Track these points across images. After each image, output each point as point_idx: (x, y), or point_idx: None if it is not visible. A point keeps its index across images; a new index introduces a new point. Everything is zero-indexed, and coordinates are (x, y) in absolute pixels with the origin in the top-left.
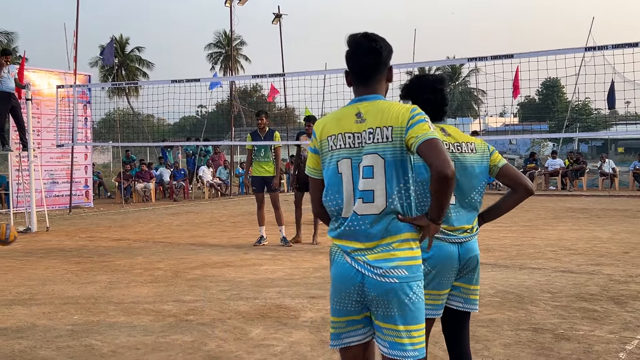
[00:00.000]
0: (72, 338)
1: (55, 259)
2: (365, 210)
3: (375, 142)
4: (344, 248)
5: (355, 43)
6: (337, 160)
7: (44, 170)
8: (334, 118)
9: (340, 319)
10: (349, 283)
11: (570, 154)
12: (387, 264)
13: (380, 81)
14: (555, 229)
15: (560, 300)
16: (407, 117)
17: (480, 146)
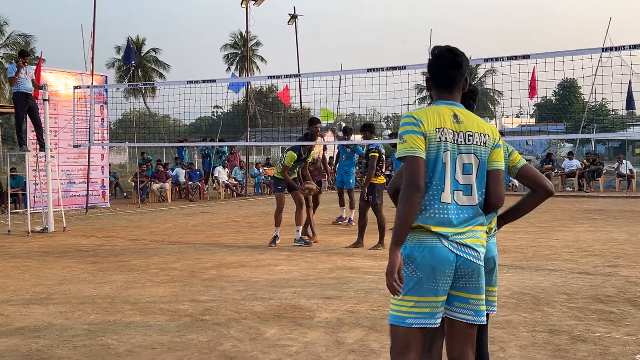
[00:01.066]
0: (88, 337)
1: (72, 258)
2: (465, 202)
3: (475, 144)
4: (442, 233)
5: (441, 56)
6: (443, 150)
7: (61, 170)
8: (436, 112)
9: (436, 298)
10: (446, 263)
11: (587, 155)
12: (479, 249)
13: (459, 90)
14: (572, 230)
15: (577, 302)
16: (498, 135)
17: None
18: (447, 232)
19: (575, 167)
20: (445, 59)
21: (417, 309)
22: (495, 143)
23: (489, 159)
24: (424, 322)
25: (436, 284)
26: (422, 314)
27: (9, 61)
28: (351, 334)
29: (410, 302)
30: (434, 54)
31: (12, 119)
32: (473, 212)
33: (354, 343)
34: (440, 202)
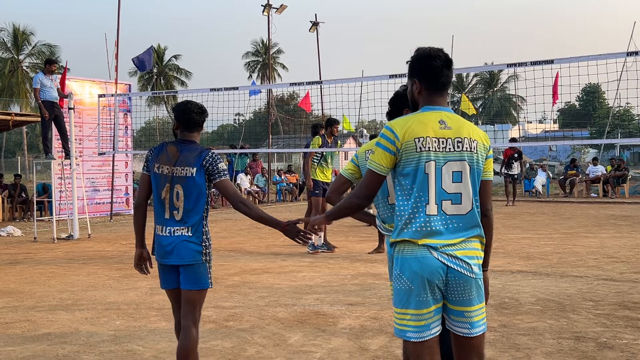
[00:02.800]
0: (114, 343)
1: (97, 265)
2: (454, 211)
3: (464, 150)
4: (430, 245)
5: (431, 57)
6: (425, 161)
7: (86, 178)
8: (418, 121)
9: (428, 309)
10: (435, 274)
11: (612, 160)
12: (471, 261)
13: (446, 94)
14: (597, 237)
15: (603, 309)
16: (488, 141)
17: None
18: (436, 244)
19: (600, 172)
20: (440, 59)
21: (414, 322)
22: (487, 151)
23: (483, 168)
24: (420, 336)
25: (427, 295)
26: (418, 327)
27: (35, 70)
28: (375, 340)
29: (407, 315)
30: (425, 54)
31: (38, 127)
32: (464, 222)
33: (377, 350)
34: (426, 214)
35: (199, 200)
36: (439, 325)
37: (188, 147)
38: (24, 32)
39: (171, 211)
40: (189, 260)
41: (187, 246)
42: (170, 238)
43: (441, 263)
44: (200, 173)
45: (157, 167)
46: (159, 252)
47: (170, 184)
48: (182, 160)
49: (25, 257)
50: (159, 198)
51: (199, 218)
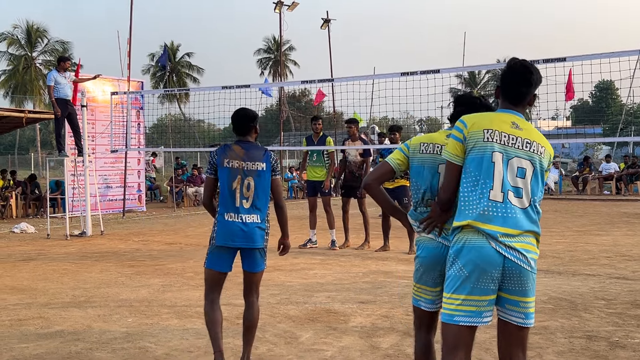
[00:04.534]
0: (126, 340)
1: (110, 262)
2: (516, 203)
3: (532, 151)
4: (490, 232)
5: (516, 72)
6: (492, 151)
7: (98, 175)
8: (487, 117)
9: (482, 297)
10: (494, 264)
11: (626, 157)
12: (528, 254)
13: (524, 105)
14: (610, 235)
15: (615, 308)
16: (553, 153)
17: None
18: (496, 232)
19: (613, 170)
20: (519, 75)
21: (465, 307)
22: (550, 161)
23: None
24: (471, 321)
25: (483, 284)
26: (469, 312)
27: (48, 67)
28: (386, 338)
29: (457, 300)
30: (509, 65)
31: (51, 124)
32: (524, 215)
33: (389, 348)
34: (489, 199)
35: (266, 191)
36: (490, 315)
37: (251, 146)
38: (38, 29)
39: (241, 200)
40: (259, 244)
41: (258, 232)
42: (243, 224)
43: (499, 254)
44: (268, 168)
45: (227, 162)
46: (226, 236)
47: (241, 176)
48: (251, 156)
49: (39, 253)
50: (230, 189)
51: (265, 207)
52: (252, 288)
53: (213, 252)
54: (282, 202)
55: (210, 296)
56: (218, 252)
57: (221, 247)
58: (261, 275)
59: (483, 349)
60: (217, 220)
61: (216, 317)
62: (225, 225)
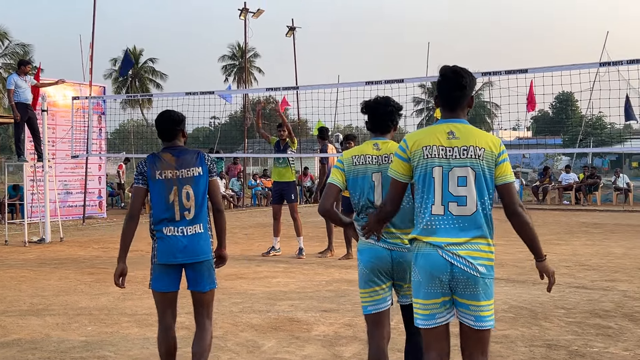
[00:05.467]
0: (85, 349)
1: (69, 269)
2: (459, 212)
3: (469, 157)
4: (435, 243)
5: (446, 79)
6: (431, 166)
7: (58, 180)
8: (426, 132)
9: (434, 300)
10: (441, 269)
11: (585, 168)
12: (475, 261)
13: (463, 108)
14: (569, 244)
15: (575, 317)
16: (498, 147)
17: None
18: (441, 242)
19: (573, 180)
20: (450, 81)
21: (421, 311)
22: (497, 157)
23: (496, 173)
24: (426, 323)
25: (433, 288)
26: (424, 316)
27: (8, 71)
28: (348, 347)
29: (417, 304)
30: (440, 74)
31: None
32: (469, 222)
33: (351, 357)
34: (431, 214)
35: (205, 197)
36: (445, 316)
37: (181, 151)
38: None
39: (182, 212)
40: (207, 255)
41: (202, 243)
42: (185, 237)
43: (445, 260)
44: (205, 171)
45: (159, 174)
46: (168, 252)
47: (177, 187)
48: (184, 163)
49: None
50: (166, 202)
51: (206, 214)
52: (203, 310)
53: (156, 272)
54: (221, 206)
55: (164, 322)
56: (161, 270)
57: (164, 265)
58: (212, 295)
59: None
60: (156, 236)
61: (168, 348)
62: (166, 240)
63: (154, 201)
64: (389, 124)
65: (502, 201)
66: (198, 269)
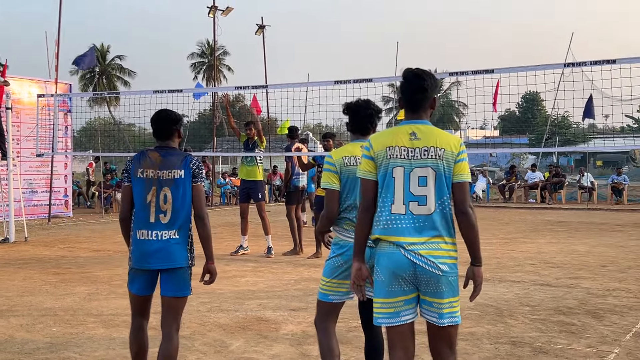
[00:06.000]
0: (50, 351)
1: (34, 269)
2: (420, 211)
3: (430, 157)
4: (397, 243)
5: (408, 81)
6: (393, 167)
7: (23, 179)
8: (390, 133)
9: (397, 299)
10: (404, 268)
11: (550, 167)
12: (437, 260)
13: (426, 110)
14: (535, 242)
15: (539, 314)
16: (458, 147)
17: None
18: (403, 242)
19: (538, 179)
20: (412, 84)
21: (384, 309)
22: (456, 156)
23: (453, 171)
24: (389, 322)
25: (396, 287)
26: (388, 314)
27: None
28: (316, 346)
29: (377, 303)
30: (403, 76)
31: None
32: (429, 222)
33: (319, 356)
34: (391, 213)
35: (186, 202)
36: (409, 314)
37: (169, 152)
38: None
39: (157, 215)
40: (180, 262)
41: (176, 249)
42: (157, 242)
43: (408, 260)
44: (187, 175)
45: (140, 172)
46: (141, 257)
47: (156, 187)
48: (167, 164)
49: None
50: (143, 202)
51: (185, 221)
52: (171, 317)
53: (131, 274)
54: (203, 213)
55: (136, 322)
56: (135, 274)
57: (138, 270)
58: (184, 302)
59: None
60: (131, 239)
61: (142, 346)
62: (138, 245)
63: (134, 199)
64: (369, 125)
65: (454, 199)
66: (171, 275)
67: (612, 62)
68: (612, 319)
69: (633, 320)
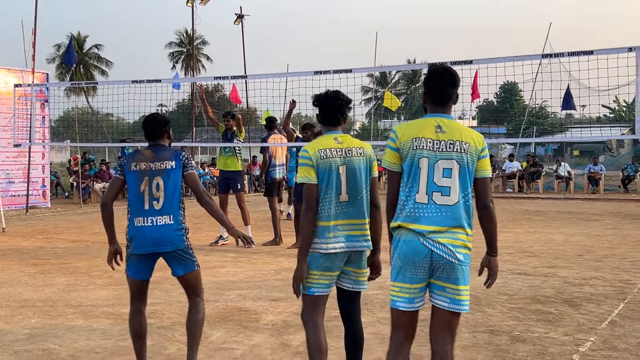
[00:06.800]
0: (29, 342)
1: (12, 260)
2: (443, 202)
3: (455, 150)
4: (417, 230)
5: (439, 74)
6: (419, 157)
7: (0, 169)
8: (416, 125)
9: (413, 285)
10: (421, 256)
11: (528, 156)
12: (455, 249)
13: (451, 105)
14: (512, 231)
15: (516, 303)
16: (482, 143)
17: (367, 151)
18: (423, 230)
19: (516, 168)
20: (443, 77)
21: (401, 294)
22: (480, 152)
23: (476, 167)
24: (406, 306)
25: (413, 273)
26: (404, 299)
27: None
28: (297, 336)
29: (396, 287)
30: (431, 70)
31: None
32: (451, 212)
33: (299, 345)
34: (415, 202)
35: (177, 190)
36: (421, 301)
37: (161, 148)
38: None
39: (150, 202)
40: (178, 245)
41: (172, 234)
42: (155, 227)
43: (425, 247)
44: (178, 165)
45: (134, 165)
46: (138, 243)
47: (149, 177)
48: (159, 157)
49: None
50: (137, 192)
51: (177, 206)
52: (191, 289)
53: (130, 260)
54: (205, 195)
55: (136, 305)
56: (134, 259)
57: (137, 255)
58: (194, 275)
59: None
60: (128, 227)
61: (141, 328)
62: (136, 231)
63: (129, 191)
64: (339, 116)
65: (476, 193)
66: (172, 258)
67: (589, 53)
68: (589, 307)
69: (609, 309)
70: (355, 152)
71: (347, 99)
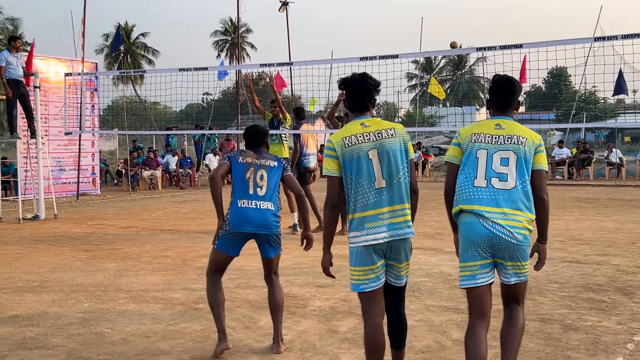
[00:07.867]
0: (82, 325)
1: (64, 246)
2: (500, 186)
3: (513, 143)
4: (477, 212)
5: (500, 84)
6: (477, 149)
7: (52, 157)
8: (477, 125)
9: (474, 263)
10: (481, 236)
11: (578, 143)
12: (514, 230)
13: (512, 110)
14: (562, 219)
15: (568, 291)
16: (539, 140)
17: (400, 131)
18: (482, 211)
19: (565, 155)
20: (503, 86)
21: (464, 273)
22: (537, 147)
23: (533, 160)
24: (468, 283)
25: (473, 252)
26: (466, 277)
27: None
28: (344, 322)
29: (460, 268)
30: (494, 80)
31: (2, 105)
32: (508, 196)
33: (347, 331)
34: (473, 186)
35: (276, 184)
36: (485, 277)
37: (263, 153)
38: None
39: (255, 188)
40: (274, 230)
41: (272, 219)
42: (257, 211)
43: (485, 228)
44: (279, 166)
45: (241, 159)
46: (239, 222)
47: (254, 168)
48: (263, 157)
49: None
50: (243, 178)
51: (276, 197)
52: (271, 270)
53: (225, 237)
54: (301, 191)
55: (213, 277)
56: (230, 237)
57: (233, 233)
58: (278, 258)
59: (440, 332)
60: (230, 206)
61: (219, 297)
62: (239, 211)
63: (234, 179)
64: (367, 102)
65: (532, 185)
66: (264, 240)
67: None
68: None
69: None
70: (385, 134)
71: (375, 82)
